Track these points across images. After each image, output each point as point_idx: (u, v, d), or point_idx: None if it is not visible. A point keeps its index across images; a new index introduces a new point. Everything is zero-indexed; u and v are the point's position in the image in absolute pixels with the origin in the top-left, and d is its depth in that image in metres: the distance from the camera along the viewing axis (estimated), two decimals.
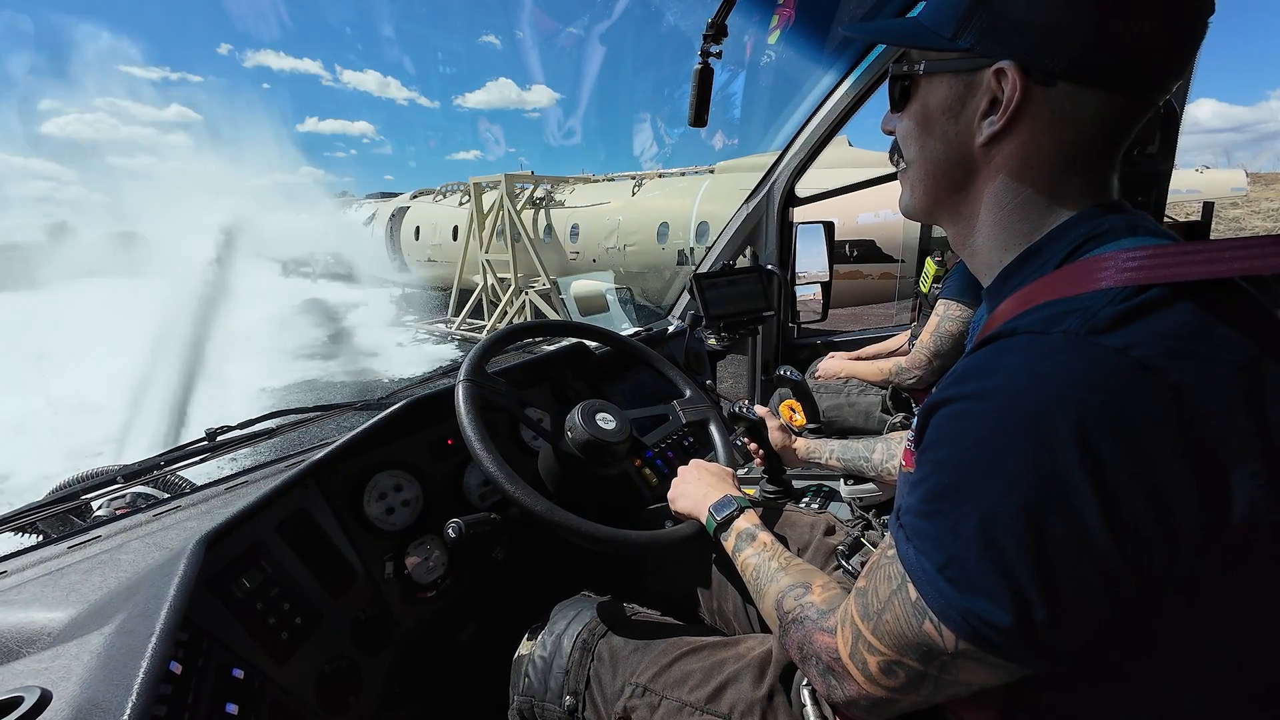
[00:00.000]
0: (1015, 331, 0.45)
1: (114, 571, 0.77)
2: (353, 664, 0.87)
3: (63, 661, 0.54)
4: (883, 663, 0.49)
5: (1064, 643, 0.42)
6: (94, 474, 1.19)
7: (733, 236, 2.26)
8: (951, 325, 1.76)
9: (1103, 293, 0.43)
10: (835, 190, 2.26)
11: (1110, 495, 0.39)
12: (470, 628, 1.22)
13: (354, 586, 0.94)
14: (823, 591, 0.62)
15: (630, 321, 2.58)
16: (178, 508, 0.97)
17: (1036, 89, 0.50)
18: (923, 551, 0.46)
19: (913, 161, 0.60)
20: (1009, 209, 0.55)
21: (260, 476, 1.07)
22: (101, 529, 0.91)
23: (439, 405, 1.13)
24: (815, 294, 2.37)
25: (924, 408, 0.50)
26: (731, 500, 0.82)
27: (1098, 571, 0.40)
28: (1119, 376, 0.40)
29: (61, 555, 0.83)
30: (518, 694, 0.87)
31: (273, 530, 0.86)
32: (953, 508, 0.44)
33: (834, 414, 1.98)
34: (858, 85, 1.88)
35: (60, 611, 0.69)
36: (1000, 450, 0.42)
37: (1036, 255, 0.53)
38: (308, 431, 1.23)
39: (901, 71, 0.58)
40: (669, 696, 0.74)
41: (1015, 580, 0.41)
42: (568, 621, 0.89)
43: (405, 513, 1.06)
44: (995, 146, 0.54)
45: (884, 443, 1.10)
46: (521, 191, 13.25)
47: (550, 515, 0.82)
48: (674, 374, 1.28)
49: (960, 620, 0.43)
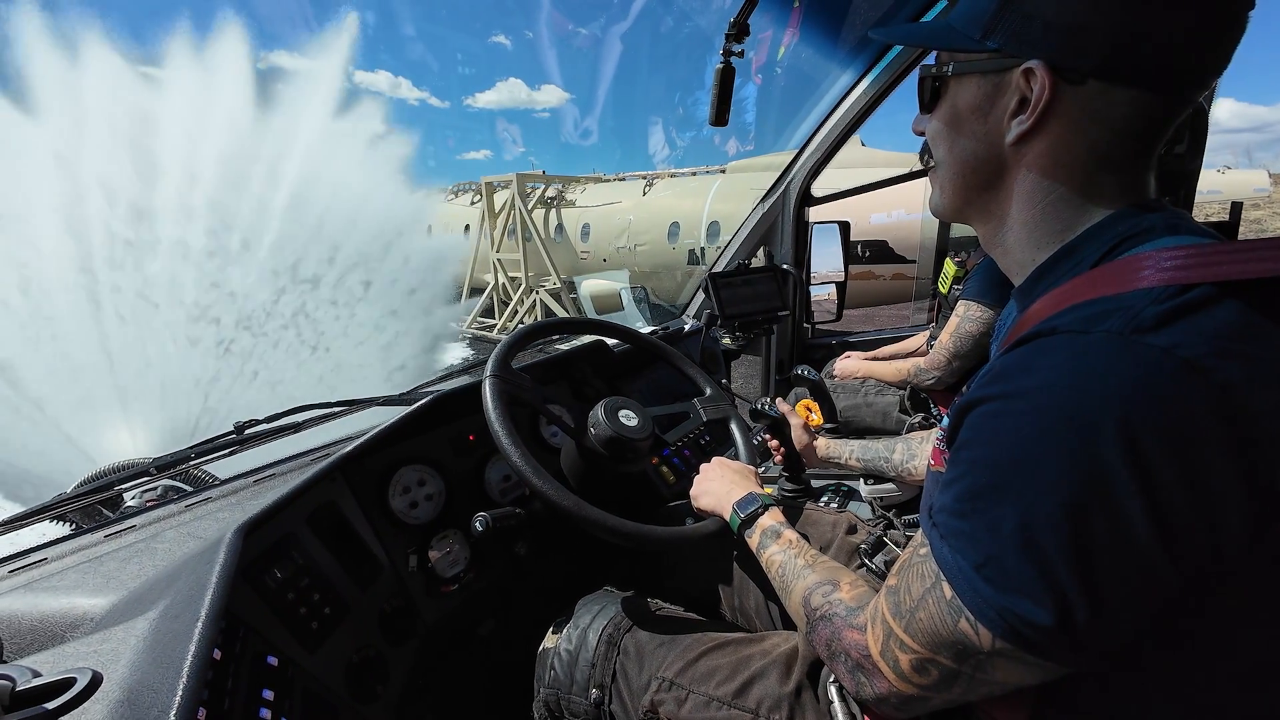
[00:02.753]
0: (1054, 330, 0.45)
1: (151, 560, 0.79)
2: (379, 654, 0.89)
3: (110, 645, 0.55)
4: (915, 660, 0.50)
5: (1104, 642, 0.42)
6: (125, 465, 1.22)
7: (748, 236, 2.25)
8: (972, 326, 1.74)
9: (1145, 291, 0.43)
10: (852, 190, 2.25)
11: (1155, 495, 0.39)
12: (489, 622, 1.23)
13: (380, 578, 0.95)
14: (851, 589, 0.63)
15: (645, 320, 2.59)
16: (208, 499, 0.99)
17: (1066, 88, 0.50)
18: (958, 550, 0.46)
19: (942, 161, 0.61)
20: (1041, 207, 0.55)
21: (286, 470, 1.09)
22: (135, 519, 0.93)
23: (461, 401, 1.15)
24: (830, 294, 2.37)
25: (957, 407, 0.50)
26: (755, 498, 0.83)
27: (1141, 571, 0.40)
28: (1165, 376, 0.39)
29: (99, 544, 0.85)
30: (543, 686, 0.88)
31: (303, 522, 0.87)
32: (990, 506, 0.44)
33: (851, 414, 1.97)
34: (876, 84, 1.87)
35: (101, 598, 0.71)
36: (1041, 449, 0.42)
37: (1072, 254, 0.53)
38: (331, 426, 1.25)
39: (930, 73, 0.59)
40: (696, 691, 0.75)
41: (1056, 579, 0.41)
42: (592, 616, 0.89)
43: (428, 507, 1.07)
44: (1025, 145, 0.54)
45: (904, 442, 1.09)
46: (533, 191, 13.31)
47: (578, 510, 0.83)
48: (695, 372, 1.28)
49: (998, 619, 0.43)
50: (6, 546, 0.88)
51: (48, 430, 6.71)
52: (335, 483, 0.96)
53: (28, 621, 0.70)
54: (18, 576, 0.78)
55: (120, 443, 6.65)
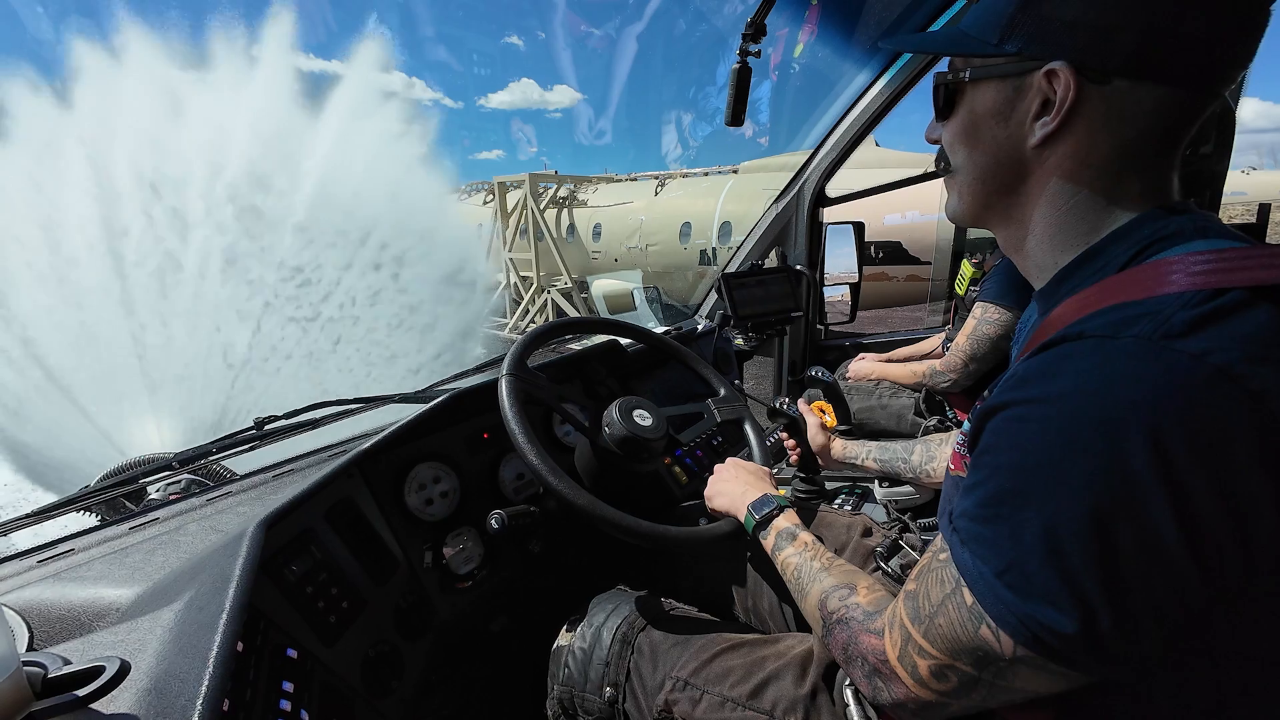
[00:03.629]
0: (1081, 335, 0.44)
1: (175, 552, 0.81)
2: (394, 649, 0.90)
3: (137, 635, 0.57)
4: (934, 666, 0.49)
5: (1129, 651, 0.41)
6: (148, 459, 1.24)
7: (761, 236, 2.25)
8: (989, 329, 1.72)
9: (1174, 296, 0.42)
10: (867, 190, 2.23)
11: (1185, 504, 0.38)
12: (502, 619, 1.24)
13: (395, 574, 0.96)
14: (868, 593, 0.62)
15: (658, 320, 2.58)
16: (229, 493, 1.00)
17: (1091, 88, 0.49)
18: (980, 556, 0.45)
19: (960, 167, 0.60)
20: (1064, 210, 0.54)
21: (305, 465, 1.11)
22: (159, 511, 0.94)
23: (476, 399, 1.16)
24: (843, 295, 2.35)
25: (979, 411, 0.49)
26: (771, 499, 0.82)
27: (1168, 580, 0.39)
28: (1196, 382, 0.39)
29: (124, 535, 0.87)
30: (557, 684, 0.88)
31: (321, 517, 0.88)
32: (1013, 512, 0.43)
33: (865, 416, 1.96)
34: (892, 85, 1.86)
35: (127, 589, 0.73)
36: (1067, 455, 0.41)
37: (1096, 257, 0.52)
38: (348, 423, 1.26)
39: (946, 79, 0.58)
40: (710, 691, 0.75)
41: (1080, 587, 0.40)
42: (606, 614, 0.90)
43: (443, 504, 1.08)
44: (1049, 148, 0.53)
45: (923, 444, 1.08)
46: (545, 191, 13.35)
47: (593, 509, 0.83)
48: (709, 373, 1.28)
49: (1020, 626, 0.43)
50: (33, 538, 0.90)
51: (77, 421, 6.88)
52: (352, 479, 0.98)
53: (56, 611, 0.72)
54: (46, 567, 0.80)
55: (146, 435, 6.81)
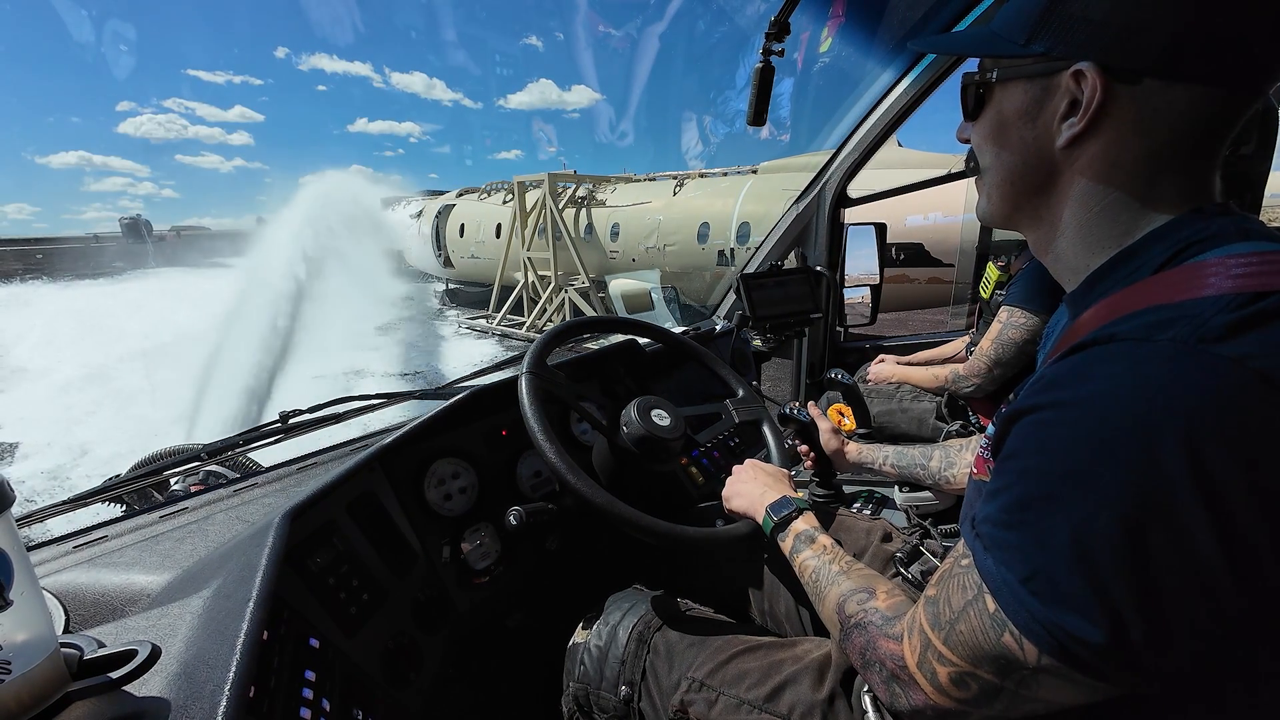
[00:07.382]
0: (1113, 338, 0.43)
1: (203, 540, 0.83)
2: (413, 641, 0.91)
3: (167, 621, 0.58)
4: (954, 674, 0.48)
5: (1159, 663, 0.40)
6: (176, 450, 1.27)
7: (781, 237, 2.23)
8: (1015, 333, 1.69)
9: (1212, 299, 0.41)
10: (889, 191, 2.20)
11: (1221, 512, 0.37)
12: (517, 615, 1.25)
13: (415, 568, 0.97)
14: (887, 598, 0.61)
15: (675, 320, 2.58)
16: (254, 485, 1.03)
17: (1120, 88, 0.48)
18: (1004, 562, 0.44)
19: (989, 168, 0.59)
20: (1096, 211, 0.53)
21: (328, 459, 1.13)
22: (187, 501, 0.97)
23: (495, 396, 1.17)
24: (864, 297, 2.33)
25: (1005, 415, 0.49)
26: (789, 501, 0.82)
27: (1202, 590, 0.38)
28: (1235, 388, 0.38)
29: (154, 524, 0.89)
30: (573, 681, 0.89)
31: (343, 510, 0.90)
32: (1040, 518, 0.43)
33: (885, 419, 1.93)
34: (916, 84, 1.83)
35: (157, 575, 0.75)
36: (1098, 460, 0.40)
37: (1131, 259, 0.51)
38: (370, 417, 1.29)
39: (974, 80, 0.58)
40: (726, 693, 0.74)
41: (1110, 596, 0.39)
42: (622, 613, 0.90)
43: (462, 500, 1.09)
44: (1077, 149, 0.52)
45: (942, 449, 1.07)
46: (564, 190, 13.42)
47: (611, 508, 0.83)
48: (727, 373, 1.28)
49: (1045, 635, 0.42)
50: (66, 525, 0.94)
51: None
52: (374, 473, 0.99)
53: (90, 595, 0.74)
54: (81, 552, 0.83)
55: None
